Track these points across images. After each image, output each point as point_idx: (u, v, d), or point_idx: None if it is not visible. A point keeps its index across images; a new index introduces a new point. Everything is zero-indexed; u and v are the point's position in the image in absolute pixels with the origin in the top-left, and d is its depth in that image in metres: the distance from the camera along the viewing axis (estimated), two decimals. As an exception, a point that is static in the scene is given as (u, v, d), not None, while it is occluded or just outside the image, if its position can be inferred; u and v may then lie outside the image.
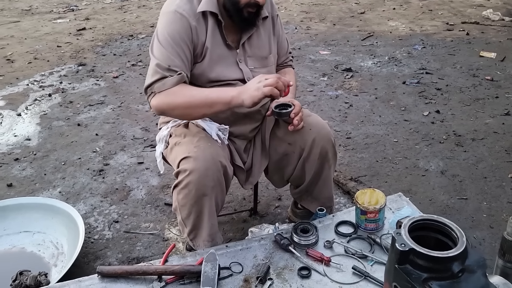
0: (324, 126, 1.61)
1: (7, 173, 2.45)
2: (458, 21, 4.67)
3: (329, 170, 1.65)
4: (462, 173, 2.31)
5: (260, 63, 1.61)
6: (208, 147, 1.42)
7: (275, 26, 1.65)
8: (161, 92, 1.41)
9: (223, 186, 1.44)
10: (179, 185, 1.40)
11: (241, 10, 1.44)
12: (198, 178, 1.36)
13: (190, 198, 1.40)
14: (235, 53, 1.54)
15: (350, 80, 3.44)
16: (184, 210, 1.45)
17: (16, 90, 3.51)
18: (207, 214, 1.44)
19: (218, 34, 1.50)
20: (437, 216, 0.97)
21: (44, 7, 6.06)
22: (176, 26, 1.43)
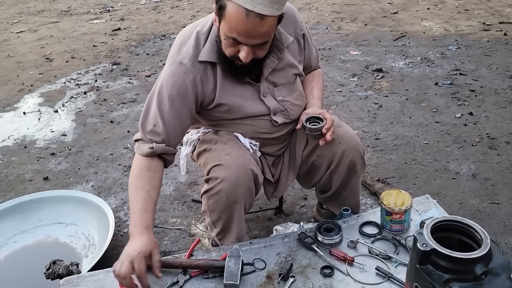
0: (354, 137, 1.57)
1: (44, 166, 2.56)
2: (495, 21, 4.52)
3: (357, 180, 1.63)
4: (495, 176, 2.24)
5: (288, 90, 1.53)
6: (239, 155, 1.42)
7: (301, 45, 1.55)
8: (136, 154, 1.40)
9: (253, 193, 1.46)
10: (210, 191, 1.42)
11: (230, 61, 1.34)
12: (229, 186, 1.37)
13: (221, 204, 1.41)
14: (257, 88, 1.46)
15: (381, 81, 3.40)
16: (214, 215, 1.47)
17: (54, 88, 3.66)
18: (236, 219, 1.46)
19: (231, 76, 1.41)
20: (461, 217, 0.95)
21: (82, 8, 6.27)
22: (178, 80, 1.36)
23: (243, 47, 1.26)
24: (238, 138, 1.52)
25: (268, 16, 1.19)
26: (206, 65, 1.39)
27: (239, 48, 1.27)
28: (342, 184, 1.63)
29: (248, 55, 1.26)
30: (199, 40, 1.39)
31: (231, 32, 1.22)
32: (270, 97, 1.50)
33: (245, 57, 1.26)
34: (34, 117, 3.18)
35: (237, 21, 1.19)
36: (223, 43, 1.30)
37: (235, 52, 1.29)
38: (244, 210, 1.49)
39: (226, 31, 1.24)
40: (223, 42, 1.30)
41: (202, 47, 1.38)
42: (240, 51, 1.27)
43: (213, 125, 1.56)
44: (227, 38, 1.26)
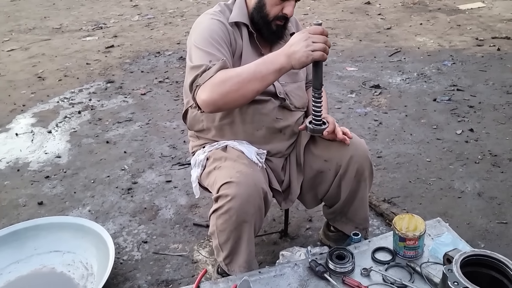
0: (362, 143, 1.59)
1: (38, 190, 2.48)
2: (488, 36, 4.57)
3: (365, 189, 1.62)
4: (500, 195, 2.22)
5: (291, 78, 1.59)
6: (250, 172, 1.39)
7: None
8: (206, 82, 1.32)
9: (263, 212, 1.41)
10: (219, 210, 1.37)
11: (269, 23, 1.47)
12: (240, 204, 1.33)
13: (230, 223, 1.37)
14: None
15: (379, 97, 3.38)
16: (223, 236, 1.41)
17: (47, 108, 3.58)
18: (246, 240, 1.41)
19: (251, 45, 1.51)
20: (490, 252, 0.91)
21: (74, 25, 6.22)
22: (214, 28, 1.44)
23: (290, 3, 1.44)
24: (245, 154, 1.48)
25: None
26: (234, 26, 1.49)
27: (284, 5, 1.44)
28: (350, 193, 1.61)
29: (293, 9, 1.45)
30: (224, 9, 1.53)
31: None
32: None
33: (291, 11, 1.45)
34: (27, 138, 3.10)
35: None
36: (268, 4, 1.44)
37: (280, 11, 1.45)
38: (254, 231, 1.44)
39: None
40: (268, 3, 1.44)
41: (229, 13, 1.51)
42: (286, 7, 1.44)
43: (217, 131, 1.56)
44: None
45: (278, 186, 1.60)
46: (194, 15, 6.26)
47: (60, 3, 7.65)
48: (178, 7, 6.76)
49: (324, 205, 1.78)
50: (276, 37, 1.53)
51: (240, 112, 1.52)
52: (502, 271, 0.88)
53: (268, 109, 1.54)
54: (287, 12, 1.45)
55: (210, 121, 1.57)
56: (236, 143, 1.52)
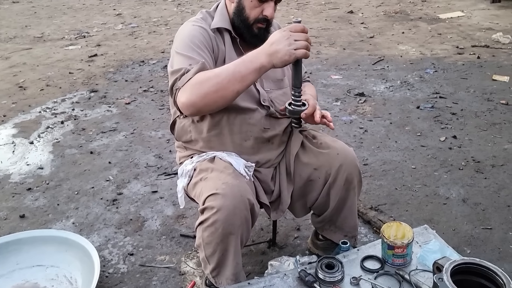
0: (350, 152, 1.60)
1: (20, 203, 2.42)
2: (468, 44, 4.67)
3: (354, 197, 1.62)
4: (484, 201, 2.25)
5: (276, 85, 1.60)
6: (236, 184, 1.37)
7: None
8: (185, 85, 1.32)
9: (250, 224, 1.40)
10: (205, 222, 1.36)
11: (250, 26, 1.47)
12: (226, 216, 1.32)
13: (216, 236, 1.35)
14: None
15: (364, 105, 3.42)
16: (209, 248, 1.40)
17: (29, 118, 3.52)
18: (233, 252, 1.39)
19: (235, 50, 1.52)
20: (479, 260, 0.91)
21: (56, 34, 6.14)
22: (195, 33, 1.45)
23: (269, 4, 1.44)
24: (233, 166, 1.47)
25: None
26: (216, 32, 1.50)
27: (264, 7, 1.44)
28: (339, 201, 1.61)
29: (273, 12, 1.45)
30: (206, 16, 1.54)
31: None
32: (260, 86, 1.55)
33: (272, 12, 1.45)
34: (8, 149, 3.03)
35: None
36: (248, 6, 1.45)
37: (259, 13, 1.45)
38: (241, 243, 1.43)
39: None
40: (248, 5, 1.45)
41: (211, 20, 1.52)
42: (266, 9, 1.44)
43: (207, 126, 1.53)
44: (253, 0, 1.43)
45: (266, 200, 1.59)
46: (178, 23, 6.25)
47: (41, 12, 7.56)
48: (162, 16, 6.75)
49: (312, 214, 1.78)
50: (259, 40, 1.47)
51: (228, 123, 1.51)
52: (492, 278, 0.89)
53: (256, 119, 1.53)
54: (267, 13, 1.45)
55: (198, 133, 1.56)
56: (225, 154, 1.51)
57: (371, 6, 6.53)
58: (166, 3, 7.64)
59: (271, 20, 1.49)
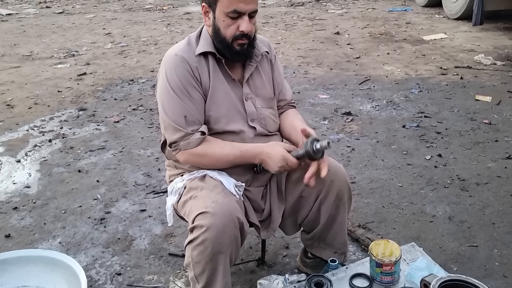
0: (341, 168, 1.63)
1: (5, 222, 2.39)
2: (451, 65, 4.79)
3: (344, 214, 1.64)
4: (470, 218, 2.29)
5: (266, 103, 1.63)
6: (226, 202, 1.38)
7: (274, 67, 1.69)
8: (186, 150, 1.49)
9: (239, 243, 1.41)
10: (194, 241, 1.36)
11: (230, 45, 1.48)
12: (215, 235, 1.32)
13: (206, 255, 1.35)
14: (241, 90, 1.57)
15: (351, 124, 3.47)
16: (198, 267, 1.40)
17: (16, 136, 3.49)
18: (222, 272, 1.39)
19: (220, 72, 1.54)
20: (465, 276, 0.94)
21: (45, 53, 6.14)
22: (180, 69, 1.48)
23: (243, 19, 1.43)
24: (223, 185, 1.49)
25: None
26: (200, 57, 1.52)
27: (239, 23, 1.43)
28: (330, 217, 1.63)
29: (249, 24, 1.44)
30: (191, 41, 1.56)
31: (231, 4, 1.40)
32: (251, 103, 1.58)
33: (247, 26, 1.44)
34: (-6, 168, 2.99)
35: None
36: (222, 26, 1.46)
37: (236, 30, 1.45)
38: (230, 262, 1.43)
39: (226, 8, 1.41)
40: (222, 25, 1.45)
41: (195, 45, 1.53)
42: (241, 25, 1.43)
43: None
44: (226, 18, 1.43)
45: (255, 219, 1.60)
46: (168, 43, 6.30)
47: (30, 30, 7.56)
48: (152, 36, 6.80)
49: (302, 231, 1.79)
50: (243, 57, 1.54)
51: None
52: (477, 294, 0.91)
53: (244, 141, 1.55)
54: (242, 29, 1.44)
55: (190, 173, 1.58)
56: (216, 173, 1.52)
57: (357, 28, 6.68)
58: (156, 23, 7.71)
59: (251, 34, 1.49)
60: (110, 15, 8.57)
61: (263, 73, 1.64)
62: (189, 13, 8.47)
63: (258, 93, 1.61)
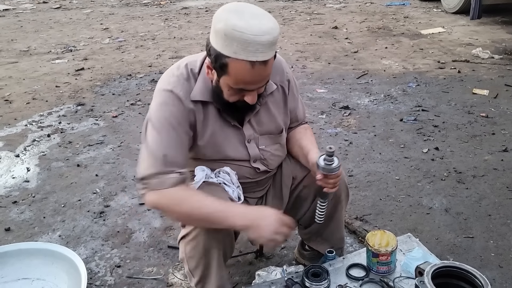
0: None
1: (5, 216, 2.40)
2: (448, 59, 4.80)
3: (342, 211, 1.65)
4: (466, 210, 2.31)
5: (272, 141, 1.53)
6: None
7: (287, 95, 1.54)
8: (158, 190, 1.30)
9: (232, 237, 1.42)
10: (187, 237, 1.37)
11: (231, 105, 1.35)
12: (206, 231, 1.33)
13: (198, 250, 1.37)
14: (242, 133, 1.46)
15: (348, 118, 3.48)
16: (192, 262, 1.41)
17: (14, 131, 3.49)
18: (216, 266, 1.41)
19: (220, 118, 1.42)
20: (459, 263, 0.95)
21: (42, 48, 6.12)
22: (171, 108, 1.34)
23: (249, 92, 1.28)
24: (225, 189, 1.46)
25: (269, 59, 1.23)
26: (197, 103, 1.38)
27: (243, 94, 1.29)
28: (327, 215, 1.61)
29: (255, 97, 1.31)
30: (189, 75, 1.38)
31: (238, 84, 1.25)
32: (254, 144, 1.49)
33: (253, 99, 1.30)
34: (-7, 162, 3.00)
35: (244, 75, 1.22)
36: (225, 93, 1.31)
37: (240, 98, 1.31)
38: (224, 256, 1.45)
39: (232, 84, 1.26)
40: (226, 93, 1.31)
41: (193, 83, 1.37)
42: (247, 96, 1.29)
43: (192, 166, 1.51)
44: (231, 89, 1.28)
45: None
46: (166, 38, 6.30)
47: (28, 26, 7.54)
48: (149, 31, 6.79)
49: (299, 225, 1.80)
50: (243, 113, 1.41)
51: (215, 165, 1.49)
52: (471, 281, 0.92)
53: (246, 171, 1.52)
54: (248, 100, 1.30)
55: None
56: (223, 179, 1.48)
57: (355, 22, 6.68)
58: (153, 18, 7.69)
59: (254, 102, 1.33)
60: (108, 10, 8.54)
61: (272, 107, 1.49)
62: (187, 8, 8.46)
63: (263, 131, 1.49)
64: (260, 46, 1.17)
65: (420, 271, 1.08)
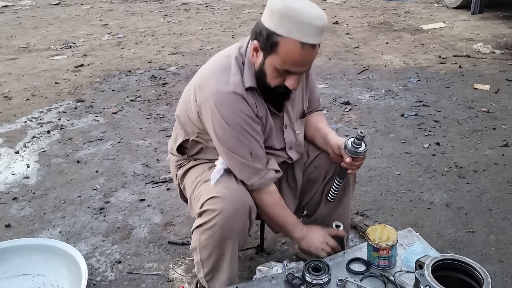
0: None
1: (5, 213, 2.40)
2: (450, 54, 4.78)
3: (349, 196, 1.66)
4: (467, 205, 2.30)
5: (302, 124, 1.60)
6: (237, 189, 1.38)
7: (309, 79, 1.60)
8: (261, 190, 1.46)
9: (247, 230, 1.42)
10: (203, 226, 1.36)
11: (272, 90, 1.39)
12: (225, 220, 1.32)
13: (214, 240, 1.36)
14: (281, 119, 1.51)
15: (349, 113, 3.47)
16: (205, 252, 1.41)
17: (14, 128, 3.49)
18: (229, 257, 1.40)
19: (264, 105, 1.45)
20: (459, 256, 0.95)
21: (42, 44, 6.11)
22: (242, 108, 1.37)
23: (292, 76, 1.32)
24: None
25: (318, 44, 1.28)
26: (253, 90, 1.41)
27: (285, 77, 1.33)
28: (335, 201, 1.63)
29: (297, 83, 1.35)
30: (236, 70, 1.41)
31: (285, 65, 1.29)
32: (290, 130, 1.53)
33: (294, 84, 1.34)
34: (-8, 159, 3.00)
35: (294, 55, 1.26)
36: (269, 76, 1.34)
37: (281, 82, 1.35)
38: (238, 249, 1.44)
39: (279, 65, 1.30)
40: (269, 75, 1.34)
41: (241, 72, 1.41)
42: (288, 80, 1.33)
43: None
44: (276, 71, 1.32)
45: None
46: (165, 34, 6.28)
47: (27, 22, 7.52)
48: (149, 27, 6.77)
49: (304, 216, 1.80)
50: (282, 99, 1.45)
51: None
52: (471, 274, 0.92)
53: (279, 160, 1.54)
54: (288, 85, 1.35)
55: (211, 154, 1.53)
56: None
57: (355, 17, 6.66)
58: (153, 14, 7.67)
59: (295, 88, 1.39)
60: (107, 6, 8.51)
61: (297, 91, 1.54)
62: (187, 3, 8.42)
63: (295, 115, 1.55)
64: (313, 29, 1.23)
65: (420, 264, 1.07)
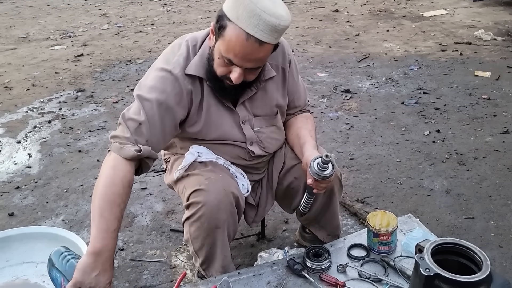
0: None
1: (8, 202, 2.42)
2: (450, 41, 4.76)
3: (336, 202, 1.63)
4: (467, 192, 2.31)
5: (267, 122, 1.53)
6: (219, 179, 1.39)
7: (287, 78, 1.53)
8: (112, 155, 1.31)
9: (235, 217, 1.43)
10: (191, 218, 1.38)
11: (219, 79, 1.33)
12: (210, 211, 1.34)
13: (203, 230, 1.38)
14: (236, 114, 1.46)
15: (349, 102, 3.47)
16: (197, 242, 1.43)
17: (15, 118, 3.50)
18: (220, 246, 1.42)
19: (214, 96, 1.41)
20: (459, 239, 0.96)
21: (41, 34, 6.09)
22: (168, 87, 1.33)
23: (235, 68, 1.27)
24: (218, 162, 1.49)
25: (266, 43, 1.22)
26: (195, 79, 1.38)
27: (231, 69, 1.28)
28: (322, 207, 1.63)
29: (239, 76, 1.28)
30: (190, 53, 1.38)
31: (228, 52, 1.24)
32: (248, 126, 1.50)
33: (237, 78, 1.28)
34: (-6, 149, 3.01)
35: (236, 43, 1.21)
36: (215, 62, 1.30)
37: (227, 72, 1.30)
38: (228, 236, 1.46)
39: (222, 51, 1.25)
40: (216, 61, 1.30)
41: (191, 59, 1.37)
42: (232, 72, 1.28)
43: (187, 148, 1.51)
44: (221, 58, 1.27)
45: (252, 200, 1.60)
46: (165, 23, 6.26)
47: (26, 12, 7.49)
48: (148, 16, 6.74)
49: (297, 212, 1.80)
50: (228, 95, 1.40)
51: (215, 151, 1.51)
52: (470, 257, 0.93)
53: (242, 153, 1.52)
54: (232, 77, 1.28)
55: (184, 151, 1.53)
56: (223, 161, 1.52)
57: (356, 5, 6.62)
58: (152, 3, 7.63)
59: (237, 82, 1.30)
60: (106, -4, 8.46)
61: (269, 90, 1.48)
62: (186, -8, 8.36)
63: (257, 113, 1.49)
64: (262, 24, 1.17)
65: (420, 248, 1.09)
